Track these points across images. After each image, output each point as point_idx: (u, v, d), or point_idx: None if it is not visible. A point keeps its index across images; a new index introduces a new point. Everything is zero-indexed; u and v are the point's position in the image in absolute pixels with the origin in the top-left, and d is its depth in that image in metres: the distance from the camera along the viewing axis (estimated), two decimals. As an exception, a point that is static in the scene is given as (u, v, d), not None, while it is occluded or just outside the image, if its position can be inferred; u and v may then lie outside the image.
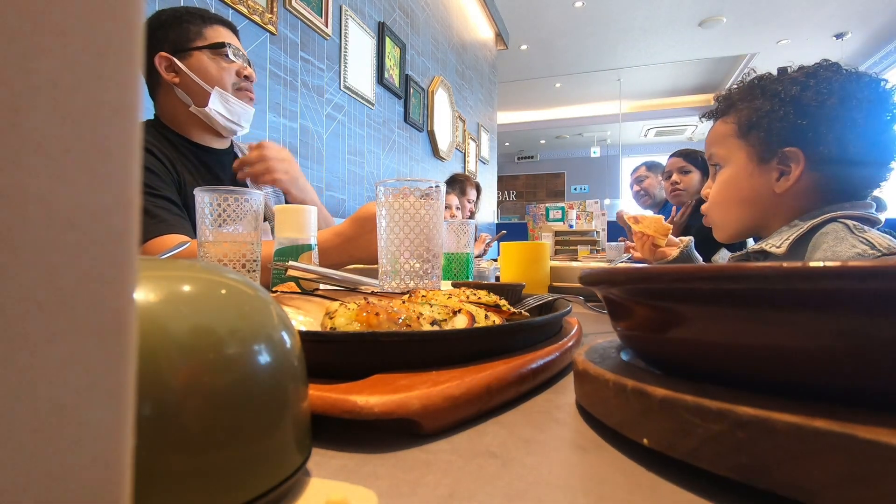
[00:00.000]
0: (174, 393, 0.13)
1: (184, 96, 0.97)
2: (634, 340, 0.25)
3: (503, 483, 0.19)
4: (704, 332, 0.20)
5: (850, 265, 0.14)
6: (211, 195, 0.58)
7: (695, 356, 0.21)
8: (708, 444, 0.18)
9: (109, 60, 0.08)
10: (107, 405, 0.08)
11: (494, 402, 0.27)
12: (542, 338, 0.39)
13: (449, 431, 0.24)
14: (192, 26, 0.97)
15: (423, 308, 0.35)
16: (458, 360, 0.30)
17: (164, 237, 0.81)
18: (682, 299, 0.20)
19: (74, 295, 0.08)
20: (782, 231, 0.77)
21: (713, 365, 0.20)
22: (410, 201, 0.58)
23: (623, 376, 0.22)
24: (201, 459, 0.13)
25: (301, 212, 0.65)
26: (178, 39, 0.96)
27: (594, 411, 0.25)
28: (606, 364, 0.26)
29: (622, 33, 5.53)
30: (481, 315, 0.37)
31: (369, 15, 2.55)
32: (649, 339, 0.24)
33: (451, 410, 0.24)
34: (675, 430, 0.19)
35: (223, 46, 0.97)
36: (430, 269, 0.59)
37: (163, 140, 0.97)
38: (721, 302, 0.19)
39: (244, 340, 0.15)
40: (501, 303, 0.41)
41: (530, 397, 0.30)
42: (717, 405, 0.17)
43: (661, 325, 0.22)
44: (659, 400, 0.19)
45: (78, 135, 0.08)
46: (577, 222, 4.98)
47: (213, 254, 0.58)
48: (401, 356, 0.28)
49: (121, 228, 0.08)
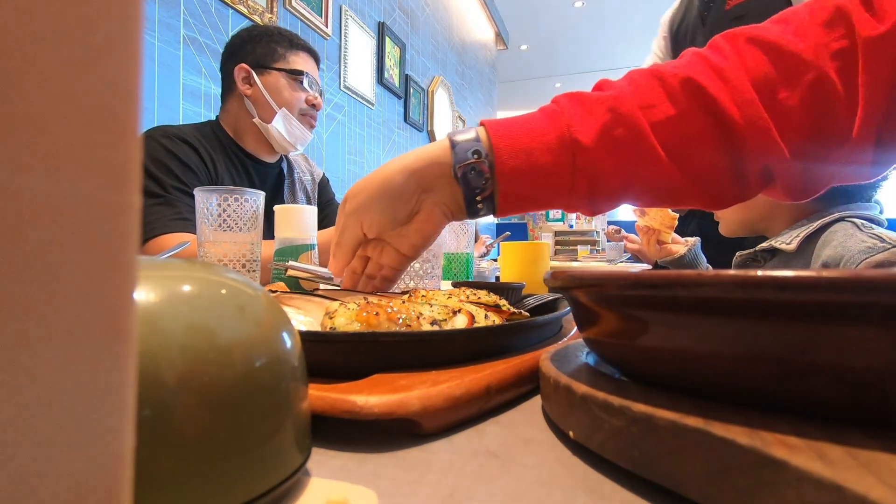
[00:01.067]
0: (174, 393, 0.13)
1: (251, 108, 1.02)
2: (589, 342, 0.26)
3: (503, 483, 0.19)
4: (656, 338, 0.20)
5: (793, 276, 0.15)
6: (211, 195, 0.58)
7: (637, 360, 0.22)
8: (612, 438, 0.19)
9: (110, 60, 0.08)
10: (107, 405, 0.08)
11: (494, 402, 0.27)
12: (541, 338, 0.39)
13: (449, 431, 0.24)
14: (279, 48, 1.03)
15: (423, 308, 0.35)
16: (458, 360, 0.30)
17: (178, 234, 0.82)
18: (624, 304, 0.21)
19: (74, 295, 0.08)
20: (792, 229, 0.77)
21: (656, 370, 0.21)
22: None
23: (564, 374, 0.23)
24: (201, 459, 0.13)
25: (301, 212, 0.65)
26: (262, 56, 1.02)
27: (546, 406, 0.26)
28: (564, 364, 0.26)
29: (622, 33, 5.53)
30: (481, 315, 0.37)
31: (369, 15, 2.55)
32: (597, 340, 0.24)
33: (451, 410, 0.24)
34: (590, 425, 0.20)
35: (300, 74, 1.04)
36: (430, 268, 0.59)
37: (214, 141, 1.01)
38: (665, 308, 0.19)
39: (244, 340, 0.15)
40: (501, 303, 0.41)
41: (530, 397, 0.30)
42: (618, 402, 0.19)
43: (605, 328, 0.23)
44: (580, 396, 0.21)
45: (78, 134, 0.08)
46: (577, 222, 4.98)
47: (213, 254, 0.58)
48: (400, 356, 0.28)
49: (121, 228, 0.08)
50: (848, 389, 0.15)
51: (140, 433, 0.09)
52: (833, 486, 0.12)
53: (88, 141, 0.08)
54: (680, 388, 0.20)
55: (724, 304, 0.16)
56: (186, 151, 0.92)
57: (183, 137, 0.94)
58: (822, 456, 0.13)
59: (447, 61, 3.59)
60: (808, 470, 0.13)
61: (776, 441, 0.14)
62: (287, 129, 1.03)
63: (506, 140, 0.40)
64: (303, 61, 1.05)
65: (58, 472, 0.08)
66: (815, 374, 0.15)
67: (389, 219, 0.44)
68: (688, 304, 0.18)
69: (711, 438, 0.15)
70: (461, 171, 0.41)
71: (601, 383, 0.22)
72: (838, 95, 0.37)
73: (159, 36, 1.39)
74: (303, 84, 1.04)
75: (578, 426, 0.21)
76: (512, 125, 0.41)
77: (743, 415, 0.16)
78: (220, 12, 1.61)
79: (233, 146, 1.04)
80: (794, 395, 0.16)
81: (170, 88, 1.42)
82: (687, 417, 0.16)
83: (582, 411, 0.21)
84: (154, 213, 0.84)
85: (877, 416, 0.15)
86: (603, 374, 0.24)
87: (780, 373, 0.16)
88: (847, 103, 0.37)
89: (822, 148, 0.39)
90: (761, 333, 0.16)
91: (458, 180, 0.42)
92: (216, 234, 0.58)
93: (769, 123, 0.38)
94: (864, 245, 0.66)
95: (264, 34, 1.03)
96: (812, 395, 0.16)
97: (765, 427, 0.15)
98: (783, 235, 0.78)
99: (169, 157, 0.89)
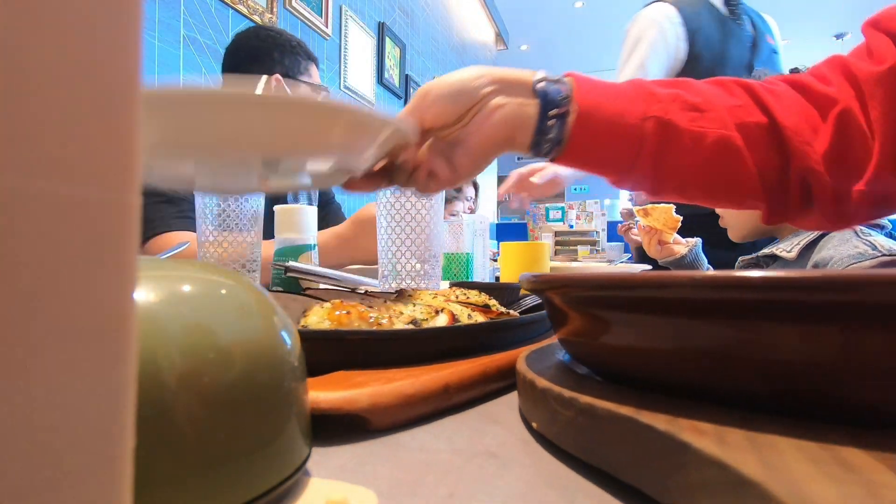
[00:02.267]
0: (174, 393, 0.13)
1: None
2: (561, 341, 0.27)
3: (503, 483, 0.19)
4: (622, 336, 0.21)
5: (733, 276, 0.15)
6: (212, 195, 0.58)
7: (594, 357, 0.23)
8: (565, 428, 0.20)
9: (110, 60, 0.08)
10: (107, 405, 0.08)
11: (456, 400, 0.27)
12: (522, 337, 0.39)
13: (449, 432, 0.24)
14: (302, 60, 1.06)
15: (405, 307, 0.35)
16: (424, 358, 0.30)
17: (180, 233, 0.82)
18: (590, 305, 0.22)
19: (74, 295, 0.08)
20: (794, 237, 0.77)
21: (609, 366, 0.22)
22: (412, 202, 0.58)
23: (531, 370, 0.24)
24: (201, 459, 0.13)
25: (301, 212, 0.65)
26: (291, 67, 1.04)
27: (520, 401, 0.27)
28: (539, 362, 0.27)
29: (622, 34, 5.52)
30: (465, 315, 0.37)
31: (369, 15, 2.55)
32: (565, 339, 0.25)
33: (403, 408, 0.24)
34: (549, 417, 0.21)
35: (324, 89, 1.09)
36: (429, 269, 0.59)
37: None
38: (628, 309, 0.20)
39: (244, 340, 0.15)
40: (491, 303, 0.41)
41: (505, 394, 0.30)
42: (569, 394, 0.20)
43: (570, 327, 0.24)
44: (539, 389, 0.22)
45: (78, 134, 0.08)
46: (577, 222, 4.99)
47: (213, 254, 0.58)
48: (363, 354, 0.29)
49: (121, 228, 0.08)
50: (762, 381, 0.16)
51: (140, 433, 0.09)
52: (721, 465, 0.13)
53: (88, 141, 0.08)
54: (635, 384, 0.21)
55: (654, 304, 0.18)
56: None
57: None
58: (722, 439, 0.14)
59: (447, 61, 3.59)
60: (707, 452, 0.14)
61: (690, 427, 0.16)
62: None
63: (590, 83, 0.41)
64: (315, 74, 1.10)
65: (57, 472, 0.08)
66: (735, 367, 0.17)
67: (449, 104, 0.40)
68: (625, 304, 0.19)
69: (638, 425, 0.16)
70: (543, 86, 0.40)
71: (563, 379, 0.22)
72: (861, 127, 0.41)
73: (159, 36, 1.39)
74: (320, 96, 1.08)
75: (541, 418, 0.22)
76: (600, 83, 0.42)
77: (675, 405, 0.18)
78: (220, 12, 1.61)
79: None
80: (719, 387, 0.17)
81: (170, 88, 1.42)
82: (622, 407, 0.17)
83: (542, 404, 0.22)
84: (157, 211, 0.84)
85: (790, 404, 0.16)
86: (571, 371, 0.25)
87: (706, 366, 0.17)
88: (868, 135, 0.41)
89: (846, 174, 0.41)
90: (688, 330, 0.17)
91: (536, 93, 0.40)
92: (216, 234, 0.58)
93: (808, 137, 0.41)
94: (856, 251, 0.66)
95: (289, 44, 1.05)
96: (733, 387, 0.17)
97: (686, 415, 0.17)
98: (784, 242, 0.78)
99: None
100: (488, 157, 0.42)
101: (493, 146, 0.41)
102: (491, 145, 0.41)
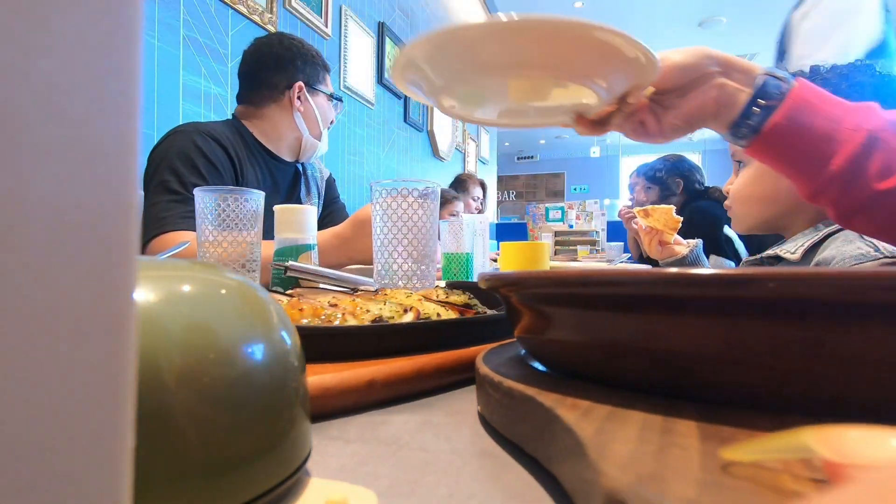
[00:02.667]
0: (174, 393, 0.13)
1: (301, 124, 1.07)
2: (517, 338, 0.28)
3: (503, 483, 0.19)
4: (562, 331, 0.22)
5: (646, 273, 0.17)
6: (211, 195, 0.58)
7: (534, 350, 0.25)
8: (496, 410, 0.22)
9: (109, 60, 0.08)
10: (107, 405, 0.08)
11: (379, 395, 0.28)
12: (484, 335, 0.39)
13: (448, 431, 0.24)
14: (321, 70, 1.11)
15: (373, 305, 0.36)
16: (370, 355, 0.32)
17: (184, 232, 0.82)
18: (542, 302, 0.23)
19: (74, 295, 0.08)
20: (800, 237, 0.77)
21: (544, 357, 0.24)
22: (409, 202, 0.58)
23: (484, 364, 0.26)
24: (201, 460, 0.13)
25: (301, 212, 0.65)
26: (312, 76, 1.08)
27: (477, 391, 0.28)
28: (497, 357, 0.28)
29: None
30: (434, 313, 0.39)
31: (369, 15, 2.54)
32: (518, 336, 0.27)
33: (320, 399, 0.26)
34: (486, 401, 0.23)
35: (340, 101, 1.15)
36: (425, 269, 0.59)
37: (240, 140, 1.03)
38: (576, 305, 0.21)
39: (243, 340, 0.15)
40: (472, 302, 0.43)
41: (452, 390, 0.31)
42: (497, 379, 0.21)
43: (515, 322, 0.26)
44: (481, 375, 0.24)
45: (77, 135, 0.08)
46: (577, 222, 4.99)
47: (212, 253, 0.58)
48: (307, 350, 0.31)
49: (121, 228, 0.08)
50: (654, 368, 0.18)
51: (140, 433, 0.09)
52: (570, 431, 0.15)
53: (88, 141, 0.08)
54: (571, 375, 0.22)
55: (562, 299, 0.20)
56: (216, 150, 0.94)
57: (215, 136, 0.95)
58: (587, 414, 0.16)
59: (447, 61, 3.58)
60: (566, 421, 0.16)
61: (570, 404, 0.17)
62: (321, 146, 1.13)
63: (814, 89, 0.45)
64: (330, 83, 1.15)
65: (57, 472, 0.08)
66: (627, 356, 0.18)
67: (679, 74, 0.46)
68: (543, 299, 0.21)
69: (534, 403, 0.18)
70: (763, 79, 0.46)
71: (505, 369, 0.24)
72: None
73: (159, 36, 1.39)
74: (335, 107, 1.15)
75: (483, 403, 0.25)
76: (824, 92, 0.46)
77: (581, 389, 0.19)
78: (220, 12, 1.61)
79: (258, 145, 1.06)
80: (616, 373, 0.19)
81: (169, 89, 1.42)
82: (530, 389, 0.19)
83: (482, 390, 0.24)
84: (166, 210, 0.84)
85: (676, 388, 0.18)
86: (520, 363, 0.26)
87: (604, 355, 0.19)
88: None
89: None
90: (591, 322, 0.19)
91: (755, 82, 0.46)
92: (216, 234, 0.58)
93: None
94: (858, 252, 0.66)
95: (310, 54, 1.09)
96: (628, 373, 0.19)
97: (577, 396, 0.18)
98: (790, 243, 0.77)
99: (197, 154, 0.91)
100: (693, 126, 0.49)
101: (700, 117, 0.48)
102: (699, 115, 0.48)
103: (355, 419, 0.26)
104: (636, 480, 0.12)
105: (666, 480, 0.11)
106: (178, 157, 0.88)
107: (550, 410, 0.17)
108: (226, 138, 0.97)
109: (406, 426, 0.25)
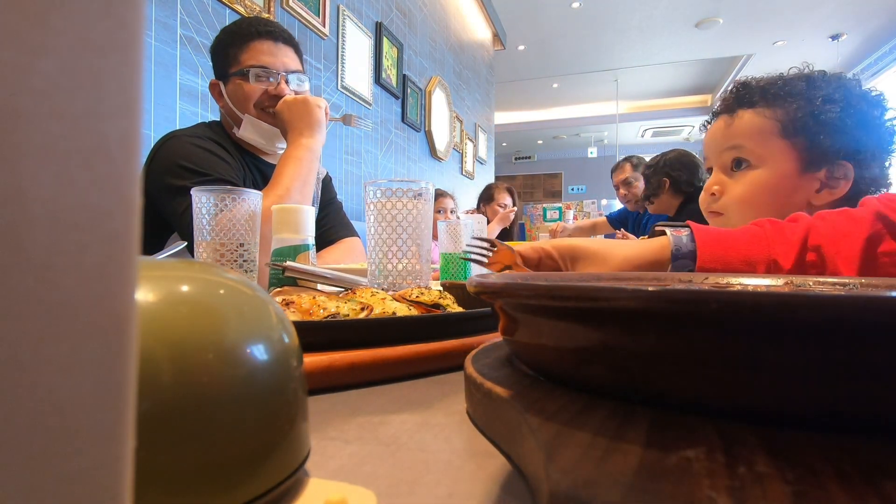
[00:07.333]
0: (173, 393, 0.13)
1: (227, 121, 1.02)
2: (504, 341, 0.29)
3: (503, 483, 0.19)
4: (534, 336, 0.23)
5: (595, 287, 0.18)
6: (209, 195, 0.58)
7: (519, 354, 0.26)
8: (477, 408, 0.22)
9: (109, 60, 0.08)
10: (107, 405, 0.08)
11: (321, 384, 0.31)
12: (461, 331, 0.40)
13: (447, 431, 0.24)
14: (231, 50, 0.98)
15: (331, 303, 0.38)
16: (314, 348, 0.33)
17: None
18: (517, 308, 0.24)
19: (75, 295, 0.08)
20: None
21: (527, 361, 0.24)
22: (403, 202, 0.58)
23: (471, 365, 0.26)
24: (200, 460, 0.13)
25: (299, 212, 0.65)
26: (222, 67, 1.00)
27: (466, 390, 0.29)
28: (486, 357, 0.29)
29: (619, 34, 5.54)
30: (392, 311, 0.40)
31: (367, 15, 2.54)
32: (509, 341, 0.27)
33: None
34: (470, 401, 0.23)
35: (246, 73, 0.95)
36: (419, 268, 0.59)
37: (228, 142, 1.00)
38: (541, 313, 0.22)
39: (243, 340, 0.15)
40: (444, 302, 0.44)
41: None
42: (479, 379, 0.22)
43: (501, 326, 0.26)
44: (466, 375, 0.24)
45: (78, 135, 0.08)
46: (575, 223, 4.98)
47: (210, 254, 0.58)
48: None
49: (121, 228, 0.08)
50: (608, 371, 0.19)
51: (140, 433, 0.09)
52: (533, 433, 0.16)
53: (89, 140, 0.08)
54: (554, 379, 0.23)
55: (528, 308, 0.21)
56: (213, 146, 0.93)
57: (205, 136, 0.94)
58: (551, 417, 0.17)
59: (445, 61, 3.59)
60: (531, 425, 0.16)
61: (539, 407, 0.18)
62: (258, 132, 0.98)
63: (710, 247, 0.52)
64: (253, 55, 0.96)
65: (57, 472, 0.08)
66: (592, 361, 0.19)
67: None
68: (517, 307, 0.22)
69: (507, 403, 0.19)
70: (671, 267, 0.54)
71: (489, 370, 0.24)
72: None
73: (156, 35, 1.38)
74: (249, 80, 0.95)
75: (468, 402, 0.25)
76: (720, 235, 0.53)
77: (553, 391, 0.20)
78: (217, 12, 1.60)
79: (239, 146, 1.04)
80: (584, 378, 0.20)
81: (166, 88, 1.42)
82: (505, 391, 0.20)
83: (468, 389, 0.24)
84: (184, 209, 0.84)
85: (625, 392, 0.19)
86: (507, 365, 0.26)
87: (575, 361, 0.20)
88: None
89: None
90: (558, 329, 0.20)
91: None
92: (213, 234, 0.58)
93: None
94: None
95: (219, 42, 1.00)
96: (594, 378, 0.20)
97: (549, 398, 0.19)
98: None
99: (200, 150, 0.90)
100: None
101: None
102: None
103: (354, 419, 0.26)
104: (572, 485, 0.12)
105: (598, 486, 0.12)
106: (184, 159, 0.87)
107: (520, 413, 0.18)
108: (214, 137, 0.96)
109: (405, 426, 0.25)
